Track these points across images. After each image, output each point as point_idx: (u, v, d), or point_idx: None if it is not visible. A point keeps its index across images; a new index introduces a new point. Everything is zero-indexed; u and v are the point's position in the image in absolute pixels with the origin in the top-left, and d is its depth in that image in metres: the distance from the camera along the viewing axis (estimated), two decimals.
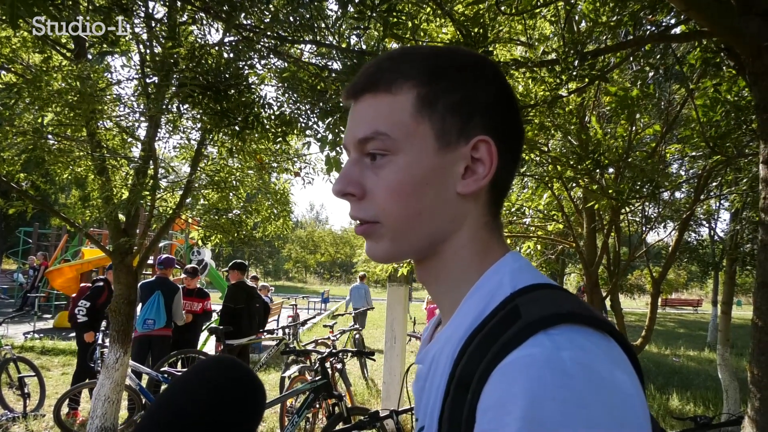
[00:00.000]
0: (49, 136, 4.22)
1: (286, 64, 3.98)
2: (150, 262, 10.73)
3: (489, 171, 0.60)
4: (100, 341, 5.41)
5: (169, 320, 6.17)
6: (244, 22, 3.46)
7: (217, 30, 3.94)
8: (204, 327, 6.77)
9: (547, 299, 0.53)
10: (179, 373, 5.14)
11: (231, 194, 5.30)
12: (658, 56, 4.19)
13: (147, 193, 3.98)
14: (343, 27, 3.57)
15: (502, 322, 0.51)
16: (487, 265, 0.61)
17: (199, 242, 5.79)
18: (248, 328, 6.78)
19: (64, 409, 6.01)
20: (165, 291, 6.15)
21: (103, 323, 5.70)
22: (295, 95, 3.80)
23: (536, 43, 3.94)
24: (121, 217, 4.45)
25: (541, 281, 0.57)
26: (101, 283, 6.35)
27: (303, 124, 3.89)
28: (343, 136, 0.69)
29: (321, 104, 3.59)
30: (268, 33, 3.36)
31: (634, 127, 5.00)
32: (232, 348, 6.52)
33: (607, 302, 5.77)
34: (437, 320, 0.73)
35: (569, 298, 0.54)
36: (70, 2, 3.08)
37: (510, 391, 0.44)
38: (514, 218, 6.22)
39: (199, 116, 4.00)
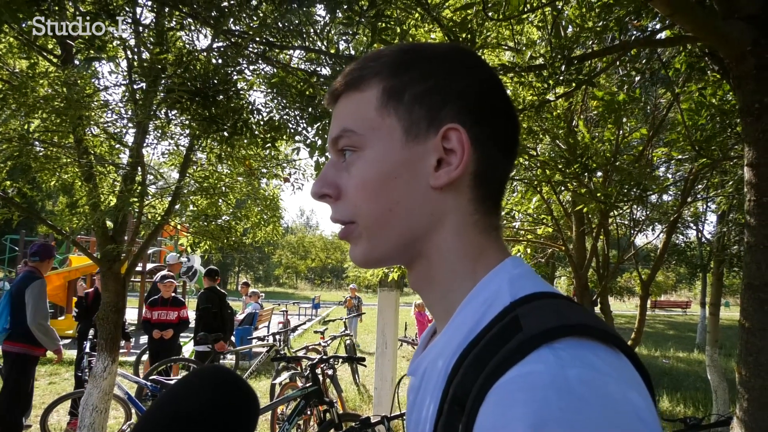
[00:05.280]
0: (36, 143, 4.18)
1: (274, 70, 3.97)
2: (138, 269, 10.63)
3: (461, 161, 0.56)
4: (87, 350, 5.35)
5: (17, 328, 4.90)
6: (233, 27, 3.46)
7: (205, 36, 3.93)
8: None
9: (550, 309, 0.48)
10: (168, 382, 5.08)
11: (220, 200, 5.27)
12: (644, 61, 4.24)
13: (135, 199, 3.95)
14: (332, 32, 3.57)
15: (500, 335, 0.47)
16: (482, 270, 0.57)
17: (188, 249, 5.74)
18: (222, 333, 6.77)
19: (65, 418, 5.96)
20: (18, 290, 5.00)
21: (91, 332, 5.64)
22: (284, 101, 3.80)
23: (524, 49, 3.97)
24: (109, 224, 4.41)
25: (545, 289, 0.52)
26: (90, 290, 6.38)
27: (292, 130, 3.88)
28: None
29: (310, 109, 3.59)
30: (257, 38, 3.36)
31: (621, 131, 5.04)
32: (206, 354, 6.49)
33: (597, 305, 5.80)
34: (433, 329, 0.68)
35: (575, 308, 0.49)
36: (57, 7, 3.06)
37: (510, 413, 0.39)
38: (504, 222, 6.24)
39: (187, 122, 3.97)
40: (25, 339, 4.91)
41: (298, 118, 3.81)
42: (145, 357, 8.06)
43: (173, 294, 6.84)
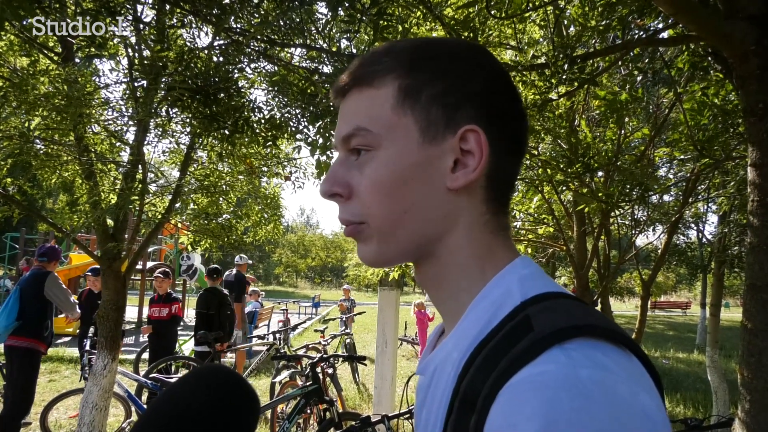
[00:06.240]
0: (36, 141, 4.17)
1: (276, 68, 3.96)
2: (139, 267, 10.62)
3: (479, 163, 0.55)
4: (87, 348, 5.35)
5: (25, 322, 5.02)
6: (234, 25, 3.45)
7: (206, 33, 3.92)
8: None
9: (561, 310, 0.48)
10: (168, 380, 5.07)
11: (221, 199, 5.27)
12: (647, 60, 4.22)
13: (135, 197, 3.95)
14: (334, 30, 3.57)
15: (511, 334, 0.47)
16: (492, 270, 0.57)
17: (189, 247, 5.74)
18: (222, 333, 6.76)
19: (65, 416, 5.97)
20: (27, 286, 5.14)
21: (91, 329, 5.64)
22: (285, 99, 3.79)
23: (526, 47, 3.96)
24: (110, 222, 4.41)
25: (555, 290, 0.53)
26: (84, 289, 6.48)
27: (293, 128, 3.87)
28: (333, 140, 0.66)
29: (311, 108, 3.58)
30: (258, 36, 3.35)
31: (623, 131, 5.03)
32: (206, 354, 6.49)
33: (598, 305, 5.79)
34: (441, 328, 0.69)
35: (585, 308, 0.50)
36: (57, 5, 3.05)
37: (521, 413, 0.39)
38: None
39: (188, 120, 3.97)
40: (32, 334, 5.00)
41: (299, 116, 3.80)
42: (145, 355, 8.07)
43: (168, 290, 6.83)
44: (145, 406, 5.14)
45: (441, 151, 0.56)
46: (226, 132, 3.67)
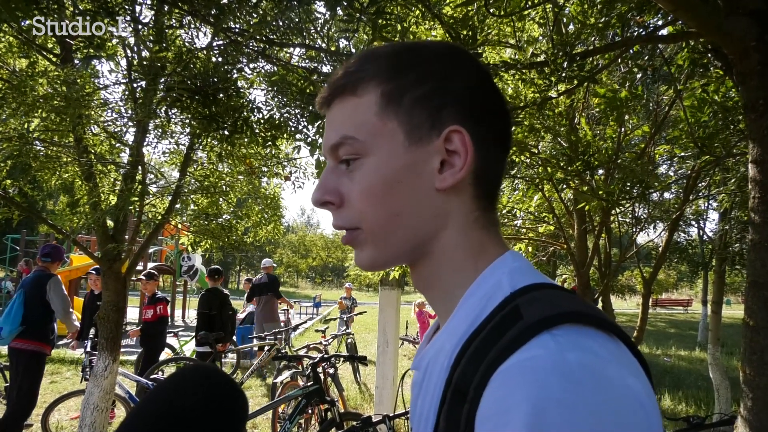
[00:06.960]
0: (36, 142, 4.17)
1: (275, 68, 3.96)
2: (139, 268, 10.62)
3: (465, 162, 0.57)
4: (88, 349, 5.35)
5: (30, 326, 4.97)
6: (232, 25, 3.44)
7: (205, 34, 3.91)
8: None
9: (549, 299, 0.49)
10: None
11: (221, 199, 5.27)
12: (646, 57, 4.21)
13: (135, 198, 3.94)
14: (332, 30, 3.56)
15: (501, 324, 0.48)
16: (483, 265, 0.58)
17: (189, 248, 5.74)
18: (223, 334, 6.76)
19: (66, 417, 5.97)
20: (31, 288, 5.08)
21: (92, 331, 5.64)
22: (285, 99, 3.79)
23: (525, 45, 3.95)
24: (110, 223, 4.40)
25: (543, 281, 0.54)
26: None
27: (292, 128, 3.87)
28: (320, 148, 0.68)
29: (310, 107, 3.57)
30: (257, 36, 3.34)
31: (623, 129, 5.02)
32: (207, 354, 6.48)
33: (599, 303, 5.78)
34: (436, 325, 0.69)
35: (573, 298, 0.51)
36: (56, 6, 3.05)
37: (512, 397, 0.40)
38: (506, 220, 6.23)
39: (187, 121, 3.96)
40: (38, 337, 4.98)
41: (298, 116, 3.80)
42: None
43: (155, 291, 6.81)
44: None
45: (427, 153, 0.57)
46: (226, 132, 3.67)
